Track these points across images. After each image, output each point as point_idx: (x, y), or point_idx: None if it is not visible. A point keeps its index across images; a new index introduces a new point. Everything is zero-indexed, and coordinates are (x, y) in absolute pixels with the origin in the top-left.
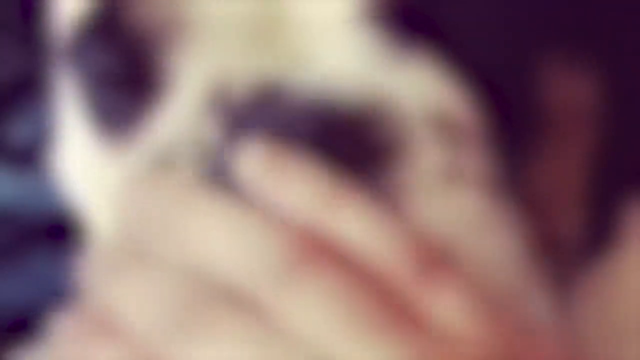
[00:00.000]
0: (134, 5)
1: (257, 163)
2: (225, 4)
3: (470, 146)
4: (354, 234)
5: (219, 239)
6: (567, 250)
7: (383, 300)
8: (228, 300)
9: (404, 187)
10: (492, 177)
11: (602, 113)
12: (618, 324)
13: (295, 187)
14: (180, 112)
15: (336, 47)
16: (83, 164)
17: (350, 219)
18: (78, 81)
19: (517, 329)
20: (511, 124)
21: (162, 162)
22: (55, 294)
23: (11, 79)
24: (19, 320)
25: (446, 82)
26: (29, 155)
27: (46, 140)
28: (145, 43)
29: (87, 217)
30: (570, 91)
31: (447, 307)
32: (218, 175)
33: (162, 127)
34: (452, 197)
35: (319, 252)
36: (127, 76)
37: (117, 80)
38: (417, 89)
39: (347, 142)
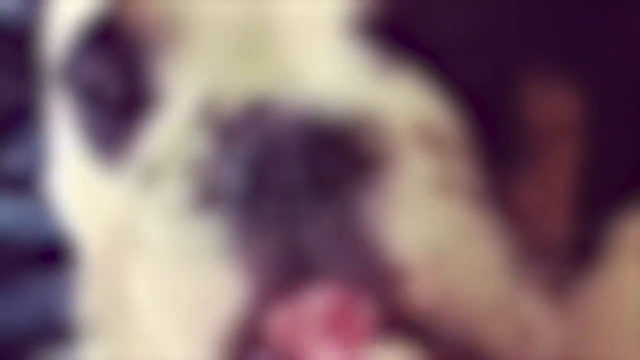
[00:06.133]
0: (127, 13)
1: None
2: (215, 9)
3: (455, 158)
4: None
5: None
6: (555, 260)
7: None
8: None
9: (392, 198)
10: (478, 187)
11: (585, 127)
12: (610, 330)
13: None
14: (171, 127)
15: (324, 61)
16: (78, 185)
17: None
18: (71, 101)
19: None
20: (496, 137)
21: (152, 177)
22: (50, 317)
23: (6, 107)
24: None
25: (432, 96)
26: (25, 181)
27: (41, 165)
28: (137, 54)
29: (82, 240)
30: (553, 106)
31: None
32: (208, 190)
33: (153, 143)
34: (439, 207)
35: None
36: (119, 92)
37: (110, 97)
38: (403, 102)
39: (336, 155)
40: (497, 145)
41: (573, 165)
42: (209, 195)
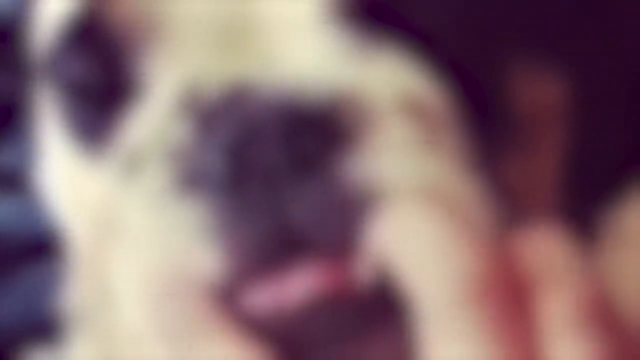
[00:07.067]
0: (109, 10)
1: None
2: (196, 6)
3: (441, 131)
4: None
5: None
6: None
7: None
8: None
9: (376, 159)
10: (465, 157)
11: (573, 112)
12: None
13: None
14: (153, 115)
15: (304, 45)
16: (65, 179)
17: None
18: (57, 96)
19: None
20: (481, 120)
21: (134, 165)
22: (42, 313)
23: None
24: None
25: (415, 77)
26: (14, 177)
27: (31, 160)
28: (119, 49)
29: (70, 234)
30: (540, 91)
31: None
32: (191, 176)
33: (135, 132)
34: (425, 163)
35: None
36: (103, 84)
37: (93, 90)
38: (385, 82)
39: (316, 133)
40: (482, 127)
41: (560, 150)
42: (191, 181)
